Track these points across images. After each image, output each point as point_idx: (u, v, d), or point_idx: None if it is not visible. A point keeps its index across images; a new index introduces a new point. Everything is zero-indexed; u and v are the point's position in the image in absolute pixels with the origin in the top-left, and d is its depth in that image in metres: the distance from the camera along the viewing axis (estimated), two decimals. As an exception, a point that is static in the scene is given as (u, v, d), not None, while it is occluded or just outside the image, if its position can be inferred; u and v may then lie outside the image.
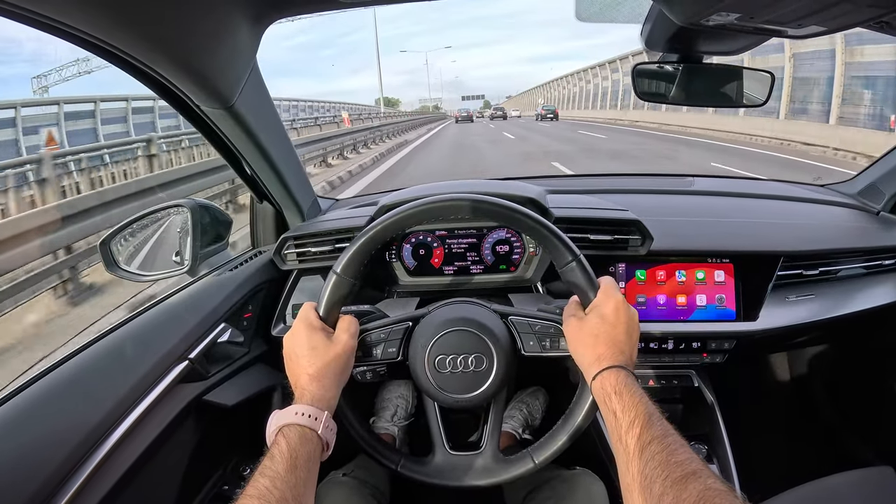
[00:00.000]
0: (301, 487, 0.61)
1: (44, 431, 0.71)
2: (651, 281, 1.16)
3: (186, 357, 0.93)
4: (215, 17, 0.79)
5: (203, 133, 1.04)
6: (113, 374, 0.84)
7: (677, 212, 1.33)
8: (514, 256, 1.21)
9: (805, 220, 1.36)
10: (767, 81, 1.10)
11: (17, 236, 4.01)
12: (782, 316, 1.16)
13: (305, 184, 1.33)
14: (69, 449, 0.71)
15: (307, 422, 0.66)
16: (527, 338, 0.82)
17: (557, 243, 0.78)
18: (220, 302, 1.05)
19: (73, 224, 4.53)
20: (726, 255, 1.16)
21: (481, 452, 0.85)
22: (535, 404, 1.47)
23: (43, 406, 0.75)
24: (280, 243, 1.18)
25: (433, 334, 0.81)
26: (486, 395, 0.81)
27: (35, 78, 27.92)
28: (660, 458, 0.57)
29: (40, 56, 65.57)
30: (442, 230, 1.21)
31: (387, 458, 0.84)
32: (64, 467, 0.69)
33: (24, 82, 63.64)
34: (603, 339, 0.72)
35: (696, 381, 1.25)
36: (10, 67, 55.54)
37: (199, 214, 1.17)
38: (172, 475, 0.96)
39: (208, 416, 1.01)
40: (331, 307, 0.79)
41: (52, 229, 4.34)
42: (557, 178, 1.95)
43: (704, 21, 0.87)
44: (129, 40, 0.72)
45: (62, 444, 0.70)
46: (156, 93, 0.88)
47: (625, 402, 0.65)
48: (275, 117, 1.13)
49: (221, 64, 0.88)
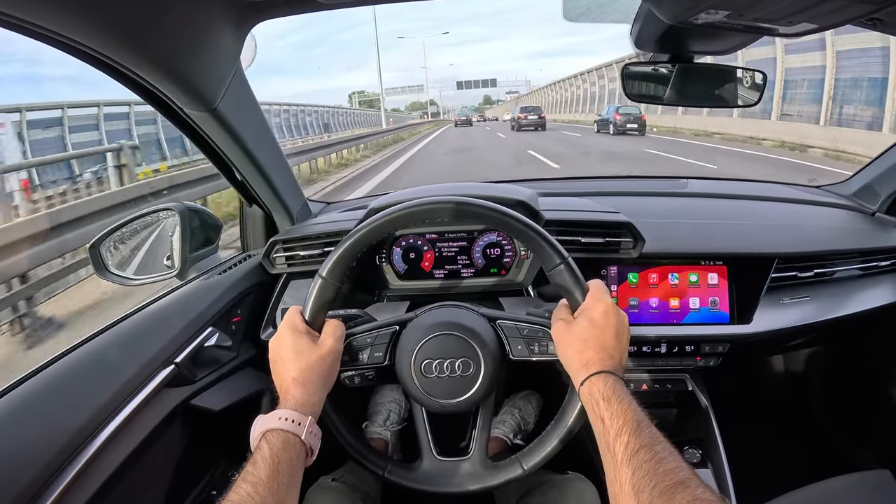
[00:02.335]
0: (283, 493, 0.60)
1: (22, 438, 0.70)
2: (643, 284, 1.15)
3: (173, 361, 0.92)
4: (197, 19, 0.78)
5: (189, 137, 1.03)
6: (96, 378, 0.83)
7: (670, 214, 1.32)
8: (505, 260, 1.20)
9: (800, 222, 1.35)
10: (760, 81, 1.09)
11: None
12: (777, 318, 1.15)
13: (294, 187, 1.33)
14: (49, 455, 0.69)
15: (290, 427, 0.66)
16: (515, 342, 0.82)
17: (545, 245, 0.78)
18: (207, 306, 1.04)
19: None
20: (720, 257, 1.15)
21: (469, 458, 0.84)
22: (528, 409, 1.45)
23: (21, 412, 0.73)
24: (269, 247, 1.18)
25: (419, 338, 0.80)
26: (473, 399, 0.80)
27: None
28: (648, 467, 0.56)
29: (38, 55, 65.77)
30: (432, 233, 1.20)
31: (373, 463, 0.84)
32: (43, 474, 0.68)
33: (20, 82, 63.95)
34: (591, 344, 0.71)
35: (690, 385, 1.24)
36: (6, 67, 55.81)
37: (189, 218, 1.17)
38: (158, 480, 0.95)
39: (195, 421, 1.00)
40: (316, 311, 0.78)
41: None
42: (550, 180, 1.94)
43: (693, 19, 0.86)
44: (110, 44, 0.72)
45: (41, 451, 0.69)
46: (140, 96, 0.88)
47: (613, 408, 0.64)
48: (260, 120, 1.13)
49: (204, 66, 0.87)
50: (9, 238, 3.87)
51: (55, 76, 55.40)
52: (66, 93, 73.46)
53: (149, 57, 0.78)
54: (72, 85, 58.62)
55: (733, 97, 1.10)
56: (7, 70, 54.15)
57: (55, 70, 59.15)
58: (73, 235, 4.47)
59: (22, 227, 4.17)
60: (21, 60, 57.05)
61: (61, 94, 61.57)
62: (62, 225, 4.44)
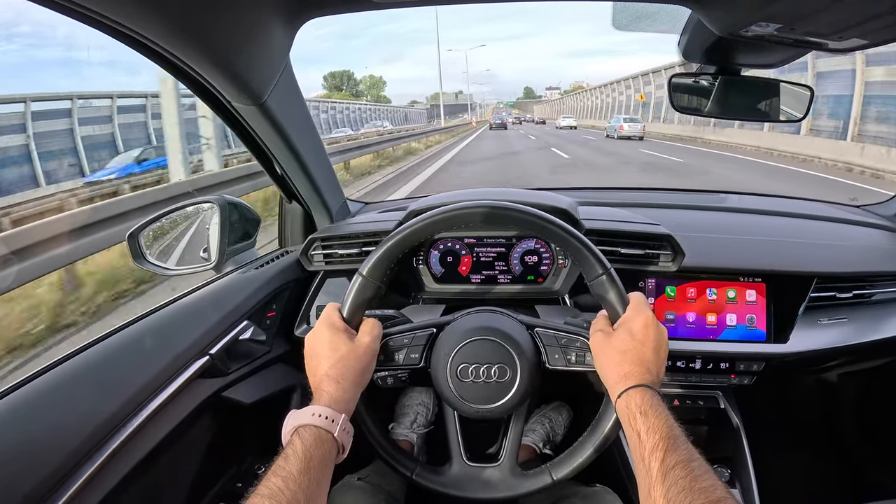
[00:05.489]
0: (314, 489, 0.60)
1: (56, 420, 0.71)
2: (681, 298, 1.14)
3: (207, 352, 0.93)
4: (251, 15, 0.80)
5: (234, 130, 1.05)
6: (131, 365, 0.84)
7: (710, 228, 1.30)
8: (542, 267, 1.20)
9: (840, 242, 1.32)
10: (806, 97, 1.08)
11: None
12: (814, 339, 1.13)
13: (335, 185, 1.33)
14: (80, 438, 0.70)
15: (324, 423, 0.66)
16: (552, 351, 0.81)
17: (588, 255, 0.77)
18: (243, 299, 1.05)
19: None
20: (759, 274, 1.13)
21: (499, 465, 0.83)
22: (558, 419, 1.44)
23: (56, 394, 0.74)
24: (307, 244, 1.19)
25: (457, 342, 0.80)
26: (507, 406, 0.79)
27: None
28: (683, 484, 0.55)
29: (74, 39, 68.01)
30: (471, 238, 1.20)
31: (402, 465, 0.83)
32: (74, 455, 0.68)
33: (59, 66, 65.93)
34: (630, 357, 0.70)
35: (722, 403, 1.22)
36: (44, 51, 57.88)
37: (228, 211, 1.18)
38: (186, 469, 0.96)
39: (226, 413, 1.01)
40: (355, 309, 0.78)
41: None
42: (588, 189, 1.93)
43: (743, 32, 0.85)
44: (165, 34, 0.73)
45: (74, 433, 0.70)
46: (189, 88, 0.89)
47: (650, 422, 0.63)
48: (306, 117, 1.14)
49: (254, 61, 0.88)
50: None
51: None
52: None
53: (204, 51, 0.79)
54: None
55: (776, 112, 1.09)
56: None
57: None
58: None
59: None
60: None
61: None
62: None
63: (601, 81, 54.24)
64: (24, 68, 52.90)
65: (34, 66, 55.26)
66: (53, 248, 3.94)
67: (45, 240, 3.90)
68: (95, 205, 5.43)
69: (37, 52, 56.74)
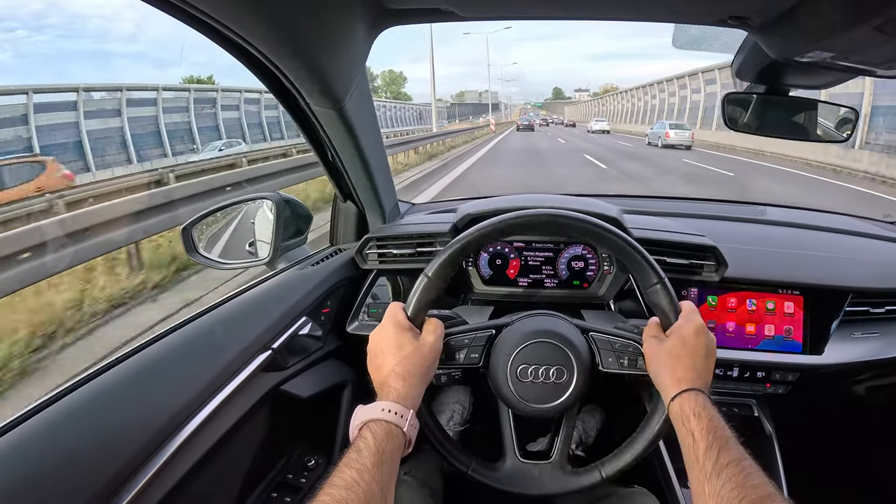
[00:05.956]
0: (385, 481, 0.62)
1: (127, 414, 0.72)
2: (722, 307, 1.17)
3: (269, 347, 0.95)
4: (336, 21, 0.82)
5: (303, 130, 1.07)
6: (201, 358, 0.86)
7: (750, 240, 1.33)
8: (588, 273, 1.22)
9: (874, 257, 1.35)
10: (851, 118, 1.10)
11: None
12: (848, 352, 1.16)
13: (390, 186, 1.36)
14: (151, 432, 0.71)
15: (393, 418, 0.68)
16: (606, 354, 0.84)
17: (645, 265, 0.80)
18: (303, 296, 1.08)
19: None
20: (797, 286, 1.17)
21: (551, 462, 0.86)
22: (591, 422, 1.47)
23: (131, 385, 0.76)
24: (363, 243, 1.22)
25: (517, 344, 0.83)
26: (562, 406, 0.82)
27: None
28: (736, 481, 0.59)
29: (106, 32, 68.85)
30: (520, 242, 1.23)
31: (459, 460, 0.86)
32: (144, 451, 0.69)
33: (89, 58, 66.66)
34: (683, 362, 0.74)
35: (756, 411, 1.25)
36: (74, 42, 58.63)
37: (283, 208, 1.21)
38: (243, 460, 0.97)
39: (281, 406, 1.03)
40: (419, 309, 0.81)
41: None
42: (630, 198, 1.94)
43: (798, 57, 0.88)
44: (259, 35, 0.75)
45: (144, 428, 0.71)
46: (267, 87, 0.91)
47: (703, 424, 0.66)
48: (374, 121, 1.16)
49: (339, 66, 0.90)
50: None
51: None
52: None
53: (294, 55, 0.81)
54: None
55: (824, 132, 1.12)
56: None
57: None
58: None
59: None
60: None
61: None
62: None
63: (631, 84, 53.25)
64: (55, 59, 53.69)
65: (65, 56, 56.05)
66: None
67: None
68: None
69: (67, 44, 57.46)
